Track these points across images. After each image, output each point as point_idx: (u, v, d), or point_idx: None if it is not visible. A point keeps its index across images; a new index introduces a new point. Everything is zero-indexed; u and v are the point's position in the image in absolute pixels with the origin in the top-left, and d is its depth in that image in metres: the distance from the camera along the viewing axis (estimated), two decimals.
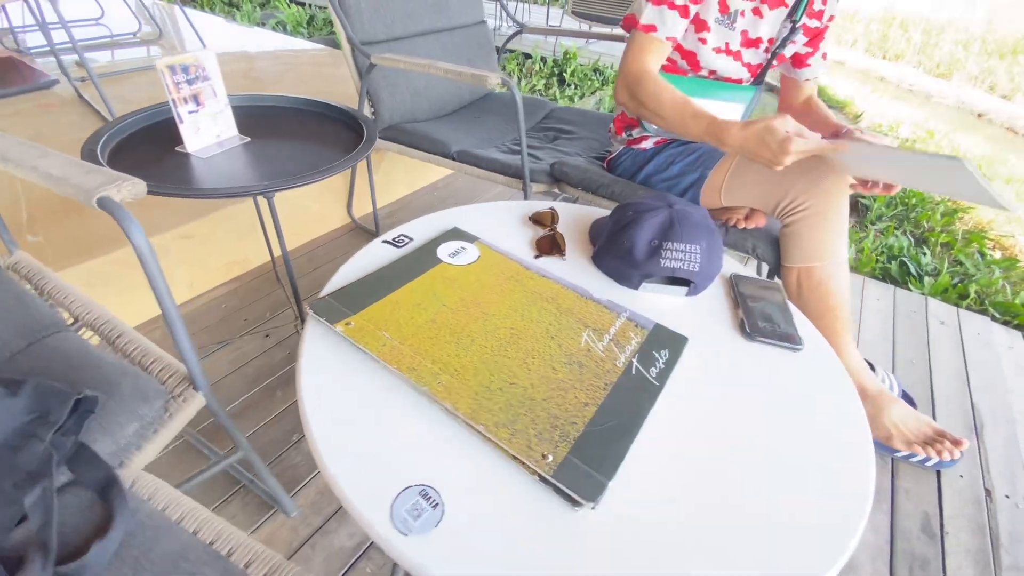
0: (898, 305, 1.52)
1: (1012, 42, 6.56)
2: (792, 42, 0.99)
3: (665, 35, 0.90)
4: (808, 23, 0.98)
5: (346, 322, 0.60)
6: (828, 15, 0.99)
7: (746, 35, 0.97)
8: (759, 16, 0.95)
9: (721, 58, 0.98)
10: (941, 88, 5.65)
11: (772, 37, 0.99)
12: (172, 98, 0.80)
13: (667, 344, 0.64)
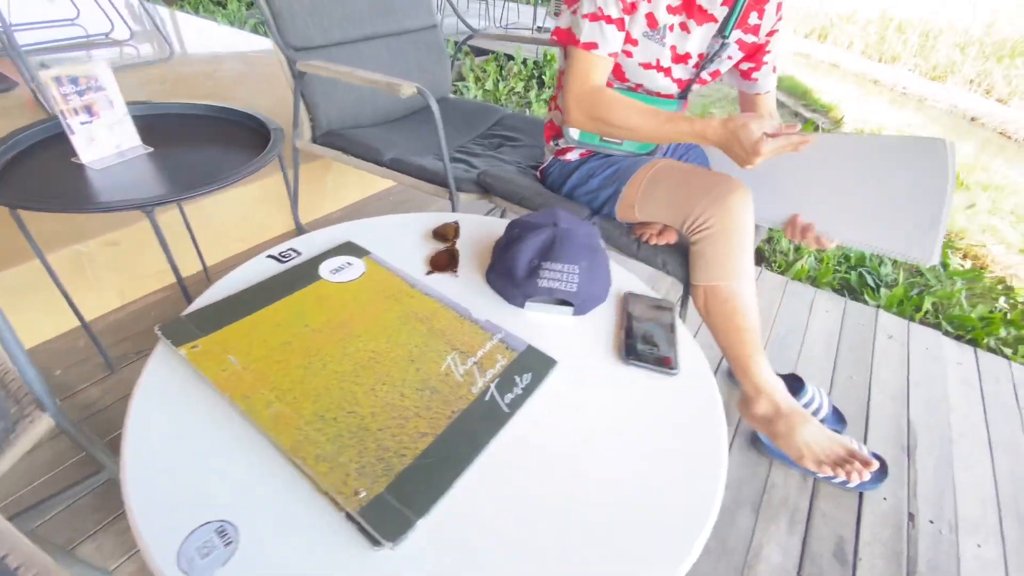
0: (847, 318, 1.50)
1: (1011, 44, 6.48)
2: (728, 57, 0.97)
3: (607, 52, 0.88)
4: (744, 38, 0.96)
5: (192, 345, 0.59)
6: (767, 30, 0.96)
7: (675, 50, 0.95)
8: (686, 31, 0.93)
9: (650, 73, 0.96)
10: (935, 92, 5.60)
11: (702, 53, 0.96)
12: (60, 109, 0.79)
13: (532, 368, 0.62)
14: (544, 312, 0.72)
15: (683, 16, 0.92)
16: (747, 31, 0.96)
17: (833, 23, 7.35)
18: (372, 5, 1.42)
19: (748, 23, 0.95)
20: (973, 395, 1.29)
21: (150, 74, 2.20)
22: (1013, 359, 1.45)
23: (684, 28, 0.93)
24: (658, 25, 0.90)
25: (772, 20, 0.96)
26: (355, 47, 1.41)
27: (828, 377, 1.30)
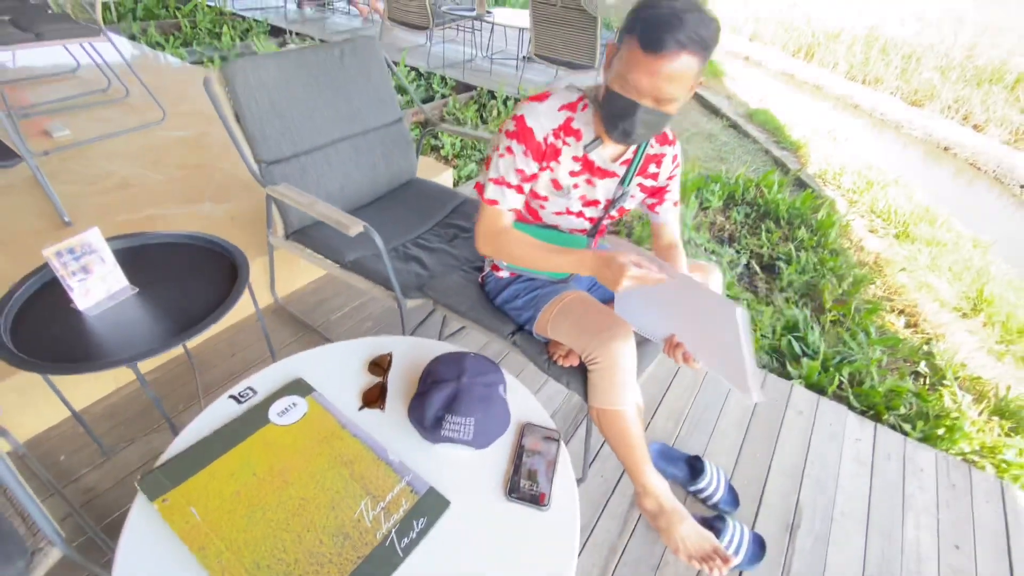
0: (763, 393, 1.67)
1: (991, 69, 6.61)
2: (632, 197, 1.14)
3: (507, 208, 1.05)
4: (644, 183, 1.13)
5: (163, 499, 0.77)
6: (666, 176, 1.14)
7: (584, 199, 1.11)
8: (592, 185, 1.09)
9: (562, 217, 1.13)
10: (912, 118, 5.75)
11: (609, 198, 1.13)
12: (61, 276, 0.97)
13: (427, 512, 0.80)
14: (451, 447, 0.90)
15: (586, 175, 1.08)
16: (647, 177, 1.13)
17: (819, 42, 7.48)
18: (337, 114, 1.59)
19: (648, 171, 1.13)
20: (863, 473, 1.47)
21: (142, 143, 2.37)
22: (910, 435, 1.63)
23: (589, 183, 1.09)
24: (562, 187, 1.07)
25: (669, 168, 1.14)
26: (324, 152, 1.58)
27: (735, 454, 1.48)
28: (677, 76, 0.84)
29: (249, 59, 1.38)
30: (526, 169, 1.02)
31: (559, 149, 1.03)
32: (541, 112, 1.00)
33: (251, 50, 4.38)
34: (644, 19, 0.82)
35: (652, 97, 0.87)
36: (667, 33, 0.80)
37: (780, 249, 2.60)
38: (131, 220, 1.86)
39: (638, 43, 0.83)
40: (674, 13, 0.81)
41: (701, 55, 0.83)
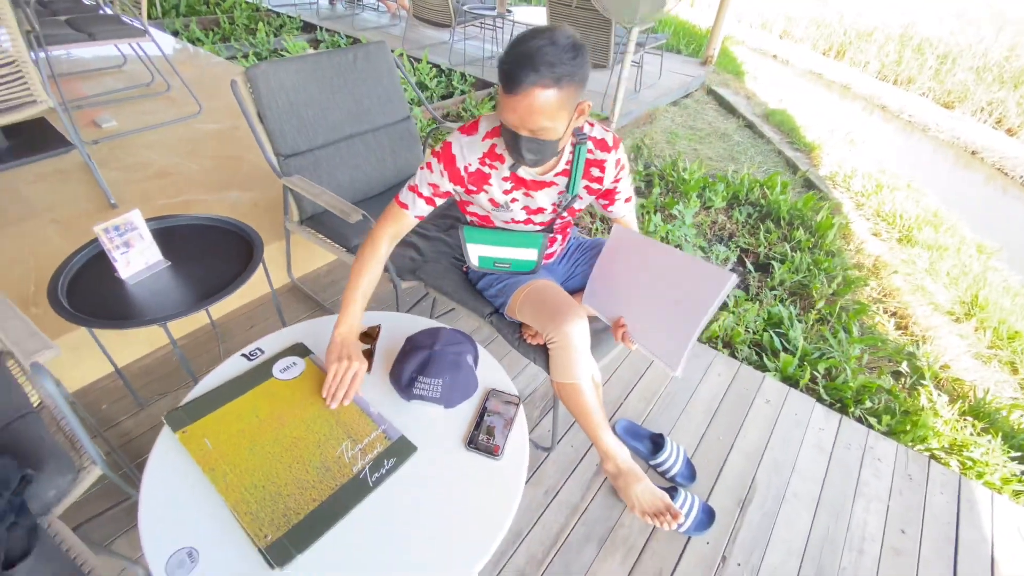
0: (736, 382, 1.78)
1: None
2: (580, 198, 1.25)
3: (414, 214, 1.15)
4: (591, 186, 1.21)
5: (183, 431, 0.95)
6: (611, 179, 1.21)
7: (528, 208, 1.21)
8: (530, 196, 1.19)
9: (511, 225, 1.25)
10: (941, 120, 5.61)
11: (555, 203, 1.21)
12: (107, 249, 1.16)
13: (397, 454, 0.95)
14: (423, 404, 1.06)
15: (522, 189, 1.18)
16: (592, 181, 1.20)
17: (851, 41, 7.32)
18: (350, 113, 1.76)
19: (592, 175, 1.19)
20: (821, 460, 1.57)
21: (180, 134, 2.60)
22: (875, 428, 1.71)
23: (527, 195, 1.19)
24: (500, 204, 1.18)
25: (613, 172, 1.19)
26: (336, 147, 1.75)
27: (700, 435, 1.59)
28: (537, 109, 0.91)
29: (271, 63, 1.55)
30: (440, 185, 1.13)
31: (487, 174, 1.13)
32: (465, 144, 1.11)
33: (282, 46, 4.61)
34: (503, 60, 0.91)
35: (526, 128, 0.96)
36: (518, 72, 0.88)
37: (777, 249, 2.67)
38: (169, 204, 2.08)
39: (501, 84, 0.93)
40: (525, 52, 0.88)
41: (557, 87, 0.90)
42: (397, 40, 5.17)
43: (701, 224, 2.90)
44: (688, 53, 5.85)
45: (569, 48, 0.90)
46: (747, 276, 2.52)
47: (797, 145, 4.08)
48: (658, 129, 4.19)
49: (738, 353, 2.04)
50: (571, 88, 0.92)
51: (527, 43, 0.89)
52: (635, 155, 3.62)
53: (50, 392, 0.88)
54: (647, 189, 3.18)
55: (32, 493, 0.88)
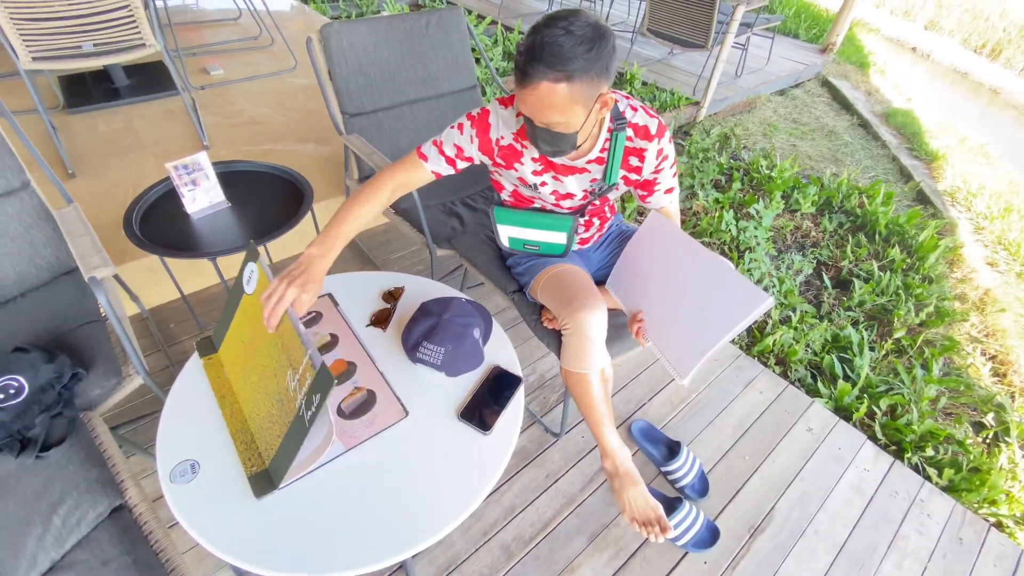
0: (778, 403, 1.64)
1: None
2: (616, 189, 1.18)
3: (431, 169, 1.13)
4: (628, 176, 1.14)
5: (208, 358, 1.04)
6: (650, 170, 1.13)
7: (557, 193, 1.17)
8: (559, 181, 1.15)
9: (537, 204, 1.22)
10: None
11: (586, 190, 1.17)
12: (176, 185, 1.28)
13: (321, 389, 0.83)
14: (427, 368, 1.08)
15: (551, 173, 1.14)
16: (631, 171, 1.14)
17: (1011, 39, 6.22)
18: (416, 77, 1.79)
19: (630, 164, 1.13)
20: (857, 502, 1.42)
21: (274, 87, 2.78)
22: (932, 480, 1.52)
23: (556, 179, 1.15)
24: (529, 184, 1.15)
25: (654, 163, 1.12)
26: (399, 110, 1.79)
27: (722, 452, 1.50)
28: (547, 104, 0.87)
29: (344, 23, 1.60)
30: (464, 149, 1.11)
31: (519, 151, 1.10)
32: (503, 116, 1.08)
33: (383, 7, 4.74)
34: (518, 50, 0.87)
35: (540, 120, 0.92)
36: (528, 65, 0.84)
37: (864, 266, 2.40)
38: (252, 151, 2.25)
39: (516, 77, 0.89)
40: (537, 44, 0.83)
41: (568, 82, 0.85)
42: (495, 8, 5.13)
43: (781, 228, 2.67)
44: (807, 38, 5.28)
45: (586, 40, 0.83)
46: (822, 291, 2.29)
47: (917, 152, 3.59)
48: (755, 119, 3.86)
49: (791, 372, 1.88)
50: (586, 82, 0.87)
51: (541, 32, 0.84)
52: (721, 145, 3.37)
53: (104, 304, 1.00)
54: (726, 183, 2.97)
55: (80, 390, 1.01)
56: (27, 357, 1.00)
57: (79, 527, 0.85)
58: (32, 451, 0.92)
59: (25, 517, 0.86)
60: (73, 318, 1.16)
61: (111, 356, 1.08)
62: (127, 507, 0.88)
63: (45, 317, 1.17)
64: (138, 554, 0.82)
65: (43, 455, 0.92)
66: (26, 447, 0.92)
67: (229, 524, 0.81)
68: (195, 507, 0.82)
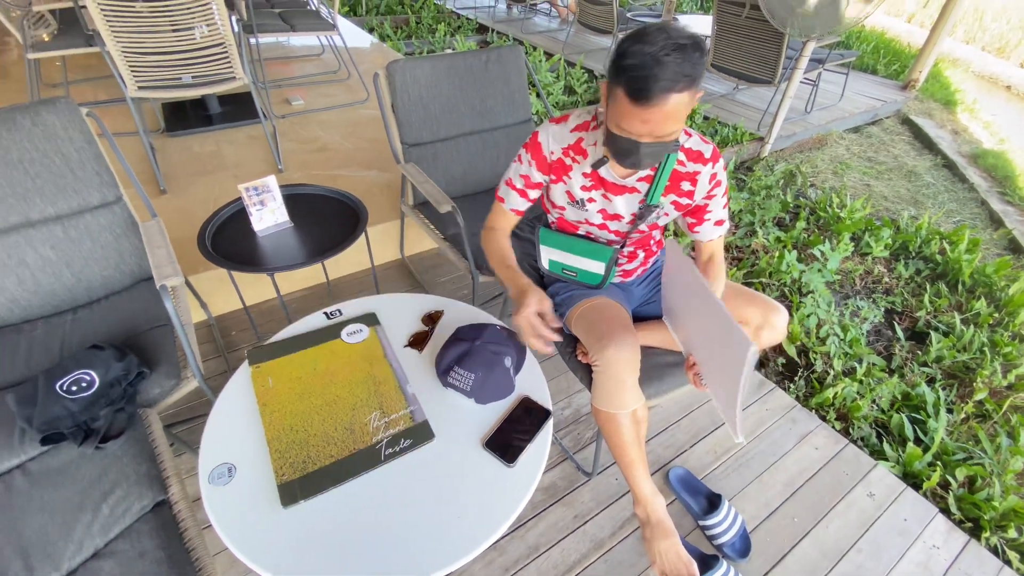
0: (835, 462, 1.51)
1: None
2: (665, 214, 1.16)
3: (510, 207, 1.20)
4: (679, 201, 1.13)
5: (256, 366, 1.10)
6: (702, 195, 1.12)
7: (604, 212, 1.17)
8: (608, 200, 1.14)
9: (583, 227, 1.22)
10: None
11: (634, 213, 1.16)
12: (246, 205, 1.39)
13: (415, 436, 1.00)
14: (457, 393, 1.09)
15: (601, 190, 1.14)
16: (681, 195, 1.13)
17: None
18: (474, 111, 1.86)
19: (681, 189, 1.12)
20: None
21: (346, 117, 2.97)
22: (1015, 566, 1.32)
23: (605, 197, 1.14)
24: (576, 199, 1.16)
25: (706, 188, 1.11)
26: (455, 141, 1.86)
27: (769, 510, 1.39)
28: (671, 116, 0.87)
29: (409, 60, 1.71)
30: (530, 176, 1.14)
31: (569, 166, 1.12)
32: (553, 133, 1.10)
33: (453, 45, 5.00)
34: (626, 69, 0.84)
35: (653, 136, 0.90)
36: (651, 82, 0.82)
37: (943, 318, 2.19)
38: (321, 175, 2.41)
39: (626, 94, 0.86)
40: (654, 59, 0.82)
41: (691, 89, 0.85)
42: (560, 44, 5.28)
43: (849, 272, 2.50)
44: (887, 74, 5.03)
45: (696, 48, 0.84)
46: (893, 343, 2.11)
47: (1009, 197, 3.27)
48: (825, 156, 3.69)
49: (853, 430, 1.72)
50: (697, 86, 0.87)
51: (652, 49, 0.82)
52: (786, 182, 3.24)
53: (169, 310, 1.09)
54: (790, 222, 2.83)
55: (142, 388, 1.10)
56: (101, 354, 1.11)
57: (124, 518, 0.91)
58: (93, 441, 1.00)
59: (79, 503, 0.93)
60: (145, 321, 1.27)
61: (173, 359, 1.17)
62: (169, 503, 0.94)
63: (122, 318, 1.29)
64: (172, 550, 0.87)
65: (102, 446, 1.00)
66: (88, 437, 1.01)
67: (257, 530, 0.84)
68: (228, 510, 0.86)
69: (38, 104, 1.24)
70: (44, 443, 1.00)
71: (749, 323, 1.17)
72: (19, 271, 1.27)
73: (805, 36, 2.91)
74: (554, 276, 1.35)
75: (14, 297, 1.28)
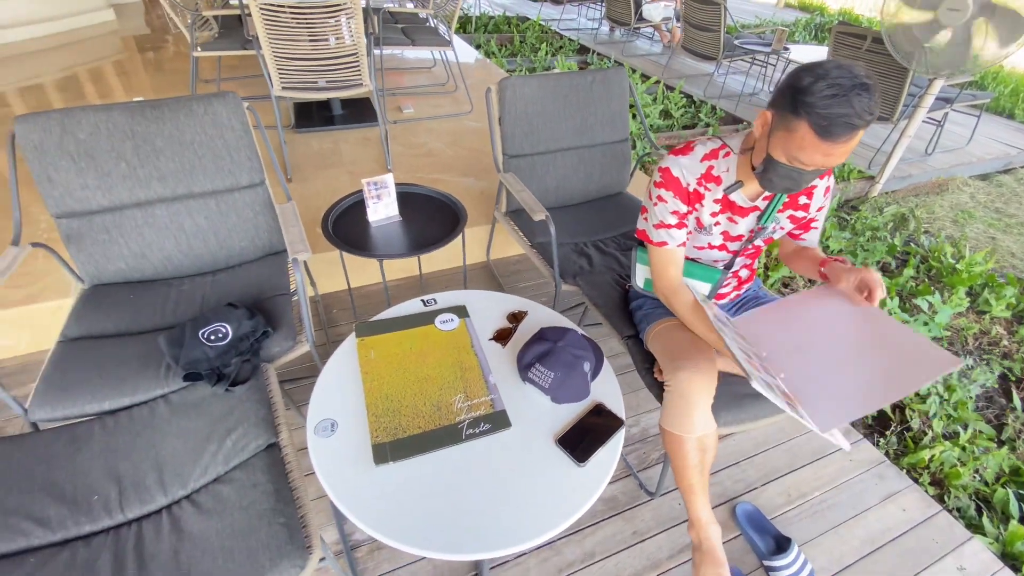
0: (923, 528, 1.39)
1: None
2: (780, 228, 1.19)
3: (675, 245, 1.18)
4: (795, 214, 1.17)
5: (362, 339, 1.23)
6: (817, 207, 1.17)
7: (727, 235, 1.20)
8: (734, 222, 1.18)
9: (703, 252, 1.24)
10: None
11: (752, 229, 1.19)
12: (366, 197, 1.55)
13: (493, 422, 1.07)
14: (534, 389, 1.15)
15: (727, 214, 1.17)
16: (797, 209, 1.17)
17: None
18: (574, 128, 1.94)
19: (798, 203, 1.16)
20: None
21: (450, 127, 3.17)
22: None
23: (731, 220, 1.17)
24: (704, 226, 1.18)
25: (821, 200, 1.17)
26: (552, 155, 1.95)
27: (843, 565, 1.31)
28: (850, 150, 0.91)
29: (520, 77, 1.82)
30: (679, 210, 1.15)
31: (702, 195, 1.14)
32: (684, 164, 1.13)
33: (553, 64, 5.16)
34: (813, 106, 0.87)
35: (832, 164, 0.94)
36: (842, 119, 0.86)
37: None
38: (424, 178, 2.59)
39: (811, 129, 0.89)
40: (844, 98, 0.85)
41: (869, 124, 0.89)
42: (660, 68, 5.27)
43: (961, 330, 2.28)
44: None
45: (875, 88, 0.88)
46: (1006, 411, 1.90)
47: None
48: (945, 203, 3.39)
49: (948, 498, 1.58)
50: None
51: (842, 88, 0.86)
52: (895, 225, 3.01)
53: (298, 281, 1.25)
54: (896, 268, 2.64)
55: (265, 345, 1.26)
56: (235, 312, 1.29)
57: (242, 452, 1.06)
58: (224, 384, 1.17)
59: (207, 434, 1.09)
60: (270, 289, 1.46)
61: (291, 324, 1.34)
62: (279, 446, 1.07)
63: (251, 284, 1.49)
64: (279, 486, 0.99)
65: (231, 389, 1.16)
66: (220, 380, 1.18)
67: (350, 482, 0.95)
68: (328, 460, 0.98)
69: (211, 96, 1.47)
70: (185, 380, 1.18)
71: None
72: (177, 234, 1.51)
73: (932, 74, 2.72)
74: (643, 293, 1.38)
75: (169, 256, 1.51)
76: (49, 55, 4.11)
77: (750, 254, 1.26)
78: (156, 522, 0.95)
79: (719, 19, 4.05)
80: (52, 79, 3.60)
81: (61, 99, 3.28)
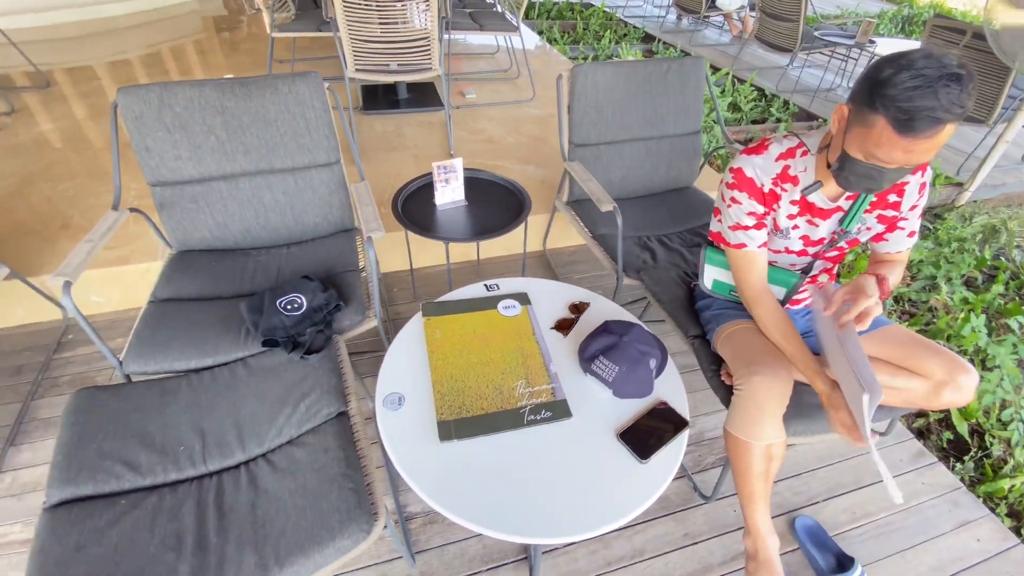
0: (999, 560, 1.30)
1: None
2: (868, 228, 1.11)
3: (755, 246, 1.12)
4: (884, 214, 1.08)
5: (428, 319, 1.26)
6: (909, 206, 1.07)
7: (807, 239, 1.14)
8: (814, 225, 1.11)
9: (780, 256, 1.18)
10: None
11: (834, 232, 1.12)
12: (435, 180, 1.58)
13: (554, 410, 1.07)
14: (596, 382, 1.14)
15: (807, 216, 1.10)
16: (887, 207, 1.08)
17: None
18: (643, 117, 1.89)
19: (887, 202, 1.07)
20: None
21: (512, 114, 3.16)
22: None
23: (810, 223, 1.11)
24: (781, 228, 1.12)
25: (915, 198, 1.06)
26: (620, 146, 1.91)
27: None
28: (936, 146, 0.82)
29: (593, 64, 1.79)
30: (756, 211, 1.10)
31: (779, 195, 1.09)
32: (758, 164, 1.07)
33: (617, 52, 5.04)
34: (893, 99, 0.80)
35: (917, 162, 0.86)
36: (925, 113, 0.78)
37: None
38: (485, 164, 2.60)
39: (889, 124, 0.82)
40: (929, 89, 0.77)
41: (960, 119, 0.80)
42: (729, 60, 5.06)
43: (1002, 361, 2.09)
44: None
45: (971, 77, 0.79)
46: None
47: None
48: None
49: None
50: None
51: (926, 79, 0.79)
52: (985, 237, 2.79)
53: (370, 258, 1.29)
54: (983, 283, 2.44)
55: (336, 318, 1.31)
56: (310, 284, 1.34)
57: (314, 418, 1.10)
58: (299, 352, 1.22)
59: (283, 398, 1.14)
60: (340, 264, 1.51)
61: (360, 299, 1.38)
62: (348, 415, 1.12)
63: (323, 259, 1.55)
64: (347, 453, 1.03)
65: (306, 357, 1.21)
66: (296, 348, 1.23)
67: (415, 455, 0.98)
68: (395, 432, 1.01)
69: (294, 75, 1.52)
70: (264, 345, 1.25)
71: (929, 377, 1.06)
72: (256, 207, 1.58)
73: None
74: (710, 293, 1.33)
75: (249, 227, 1.59)
76: (135, 32, 4.39)
77: (831, 258, 1.19)
78: (235, 476, 1.01)
79: (799, 8, 3.83)
80: (137, 55, 3.84)
81: (146, 75, 3.48)
